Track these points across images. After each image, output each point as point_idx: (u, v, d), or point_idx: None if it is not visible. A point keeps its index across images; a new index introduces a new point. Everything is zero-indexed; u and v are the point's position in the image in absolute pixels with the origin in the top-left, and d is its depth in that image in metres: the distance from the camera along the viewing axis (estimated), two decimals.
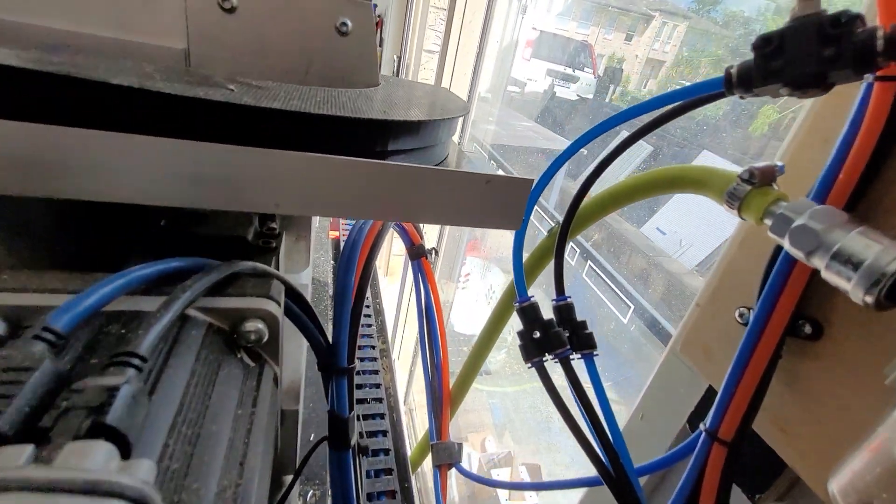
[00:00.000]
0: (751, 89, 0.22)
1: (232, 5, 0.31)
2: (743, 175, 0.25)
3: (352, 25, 0.33)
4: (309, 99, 0.24)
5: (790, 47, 0.20)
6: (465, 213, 0.25)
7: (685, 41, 6.93)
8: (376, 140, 0.24)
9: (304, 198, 0.22)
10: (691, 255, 2.95)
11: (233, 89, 0.22)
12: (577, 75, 5.11)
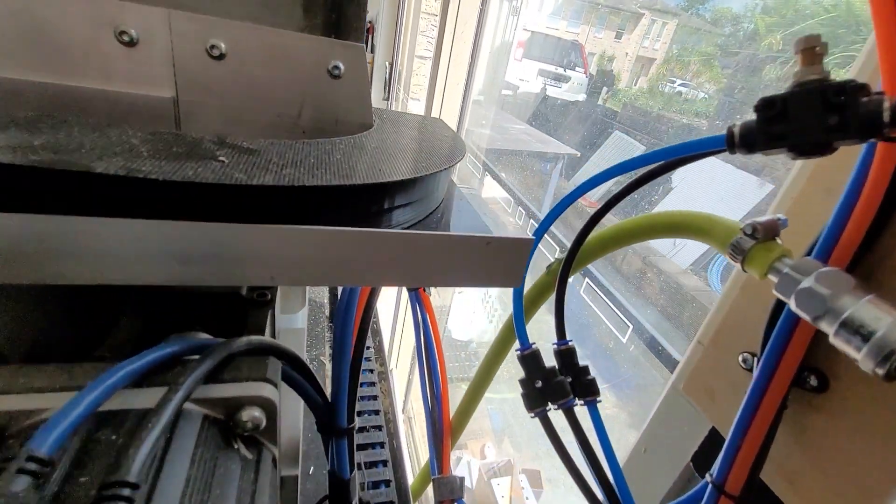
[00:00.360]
0: (754, 151, 0.22)
1: (221, 52, 0.30)
2: (746, 229, 0.25)
3: (344, 68, 0.33)
4: (302, 162, 0.23)
5: (794, 113, 0.20)
6: (464, 275, 0.24)
7: (675, 38, 6.97)
8: (371, 202, 0.24)
9: (300, 269, 0.21)
10: (685, 254, 2.97)
11: (223, 160, 0.21)
12: (569, 75, 5.12)
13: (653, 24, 7.70)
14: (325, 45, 0.32)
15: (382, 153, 0.28)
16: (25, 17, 0.27)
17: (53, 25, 0.27)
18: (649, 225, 0.31)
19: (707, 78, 5.56)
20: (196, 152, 0.21)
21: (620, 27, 7.69)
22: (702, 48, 5.67)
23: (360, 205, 0.23)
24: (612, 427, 2.03)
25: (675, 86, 6.13)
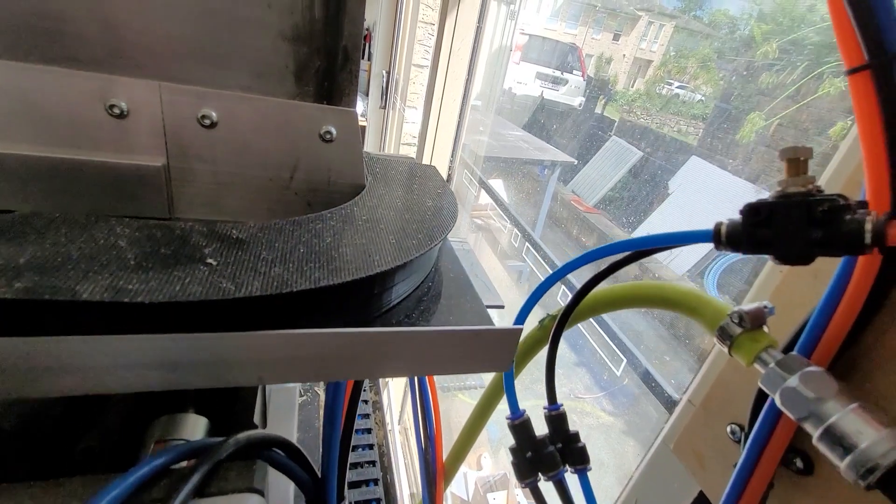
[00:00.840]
0: (739, 251, 0.22)
1: (212, 121, 0.30)
2: (733, 317, 0.25)
3: (336, 133, 0.33)
4: (291, 255, 0.23)
5: (778, 222, 0.20)
6: (455, 364, 0.24)
7: (672, 41, 6.94)
8: (362, 293, 0.24)
9: (288, 369, 0.21)
10: (681, 261, 2.98)
11: (212, 262, 0.21)
12: (566, 77, 5.13)
13: (650, 26, 7.67)
14: (317, 112, 0.32)
15: (374, 228, 0.28)
16: (16, 93, 0.27)
17: (43, 101, 0.27)
18: (641, 295, 0.31)
19: (704, 80, 5.54)
20: (184, 253, 0.21)
21: (618, 29, 7.67)
22: (699, 50, 5.65)
23: (350, 297, 0.23)
24: (609, 435, 2.03)
25: (673, 88, 6.11)
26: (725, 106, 2.97)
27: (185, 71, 0.29)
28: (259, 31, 0.29)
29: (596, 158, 3.72)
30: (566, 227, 3.34)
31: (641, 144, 3.58)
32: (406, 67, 2.10)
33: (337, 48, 0.31)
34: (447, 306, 0.29)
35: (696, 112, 5.02)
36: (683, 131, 5.29)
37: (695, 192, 3.04)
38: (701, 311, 0.28)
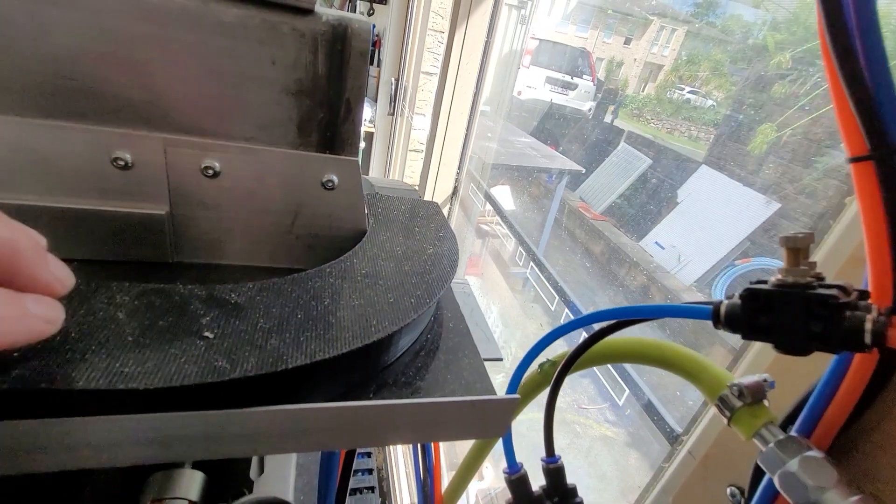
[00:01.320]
0: (737, 333, 0.21)
1: (215, 171, 0.30)
2: (733, 390, 0.25)
3: (338, 181, 0.33)
4: (288, 322, 0.23)
5: (778, 311, 0.20)
6: (452, 431, 0.24)
7: (684, 45, 6.90)
8: (359, 359, 0.24)
9: (283, 442, 0.22)
10: (690, 270, 2.95)
11: (209, 336, 0.21)
12: (576, 82, 5.11)
13: (661, 30, 7.63)
14: (320, 161, 0.32)
15: (373, 286, 0.28)
16: (27, 148, 0.27)
17: (52, 154, 0.28)
18: (640, 352, 0.31)
19: (716, 85, 5.49)
20: (181, 326, 0.21)
21: (629, 33, 7.64)
22: (711, 55, 5.58)
23: (346, 364, 0.23)
24: (612, 447, 2.02)
25: (684, 93, 6.06)
26: (737, 115, 2.94)
27: (189, 124, 0.29)
28: (263, 87, 0.29)
29: (604, 165, 3.70)
30: (572, 231, 3.32)
31: (650, 152, 3.55)
32: (415, 75, 2.11)
33: (340, 101, 0.31)
34: (445, 362, 0.29)
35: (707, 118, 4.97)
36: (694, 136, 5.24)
37: (703, 201, 3.01)
38: (701, 378, 0.27)
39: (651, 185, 3.41)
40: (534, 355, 0.32)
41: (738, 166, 3.00)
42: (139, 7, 0.26)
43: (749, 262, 2.75)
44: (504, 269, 2.59)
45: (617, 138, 4.02)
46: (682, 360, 0.29)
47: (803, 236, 0.19)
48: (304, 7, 0.28)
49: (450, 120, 1.66)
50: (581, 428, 2.02)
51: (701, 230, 2.99)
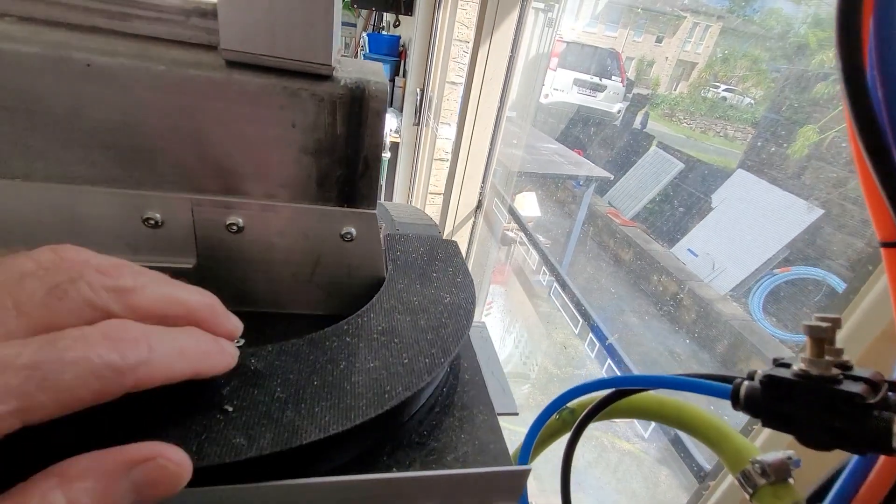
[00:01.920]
0: (757, 417, 0.21)
1: (239, 227, 0.32)
2: (755, 467, 0.24)
3: (356, 233, 0.34)
4: (304, 390, 0.24)
5: (800, 402, 0.19)
6: (462, 500, 0.25)
7: (718, 42, 6.63)
8: (375, 429, 0.24)
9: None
10: (725, 279, 2.84)
11: (228, 409, 0.22)
12: (605, 83, 5.01)
13: (695, 27, 7.36)
14: (339, 215, 0.33)
15: (388, 345, 0.29)
16: (66, 211, 0.29)
17: (88, 216, 0.30)
18: (660, 412, 0.30)
19: (754, 82, 5.25)
20: (204, 399, 0.22)
21: (661, 31, 7.41)
22: (748, 52, 5.35)
23: (361, 433, 0.24)
24: (642, 463, 1.97)
25: (720, 91, 5.84)
26: (776, 117, 2.82)
27: (214, 185, 0.30)
28: (284, 148, 0.30)
29: (635, 169, 3.61)
30: (602, 239, 3.26)
31: (682, 155, 3.44)
32: (440, 85, 2.12)
33: (358, 158, 0.31)
34: (459, 419, 0.29)
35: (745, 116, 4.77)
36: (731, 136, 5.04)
37: (739, 206, 2.90)
38: (722, 448, 0.26)
39: (683, 189, 3.30)
40: (547, 415, 0.32)
41: (776, 170, 2.87)
42: (168, 81, 0.27)
43: (789, 270, 2.62)
44: (530, 278, 2.57)
45: (647, 141, 3.92)
46: (704, 426, 0.28)
47: (826, 326, 0.18)
48: (322, 74, 0.28)
49: (475, 130, 1.66)
50: (608, 441, 1.98)
51: (737, 237, 2.87)
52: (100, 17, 0.27)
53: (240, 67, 0.28)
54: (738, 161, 3.23)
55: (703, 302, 2.75)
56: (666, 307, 2.80)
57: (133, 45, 0.27)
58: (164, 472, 0.16)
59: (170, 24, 0.28)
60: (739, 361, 2.42)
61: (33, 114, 0.26)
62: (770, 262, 2.78)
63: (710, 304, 2.79)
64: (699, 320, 2.68)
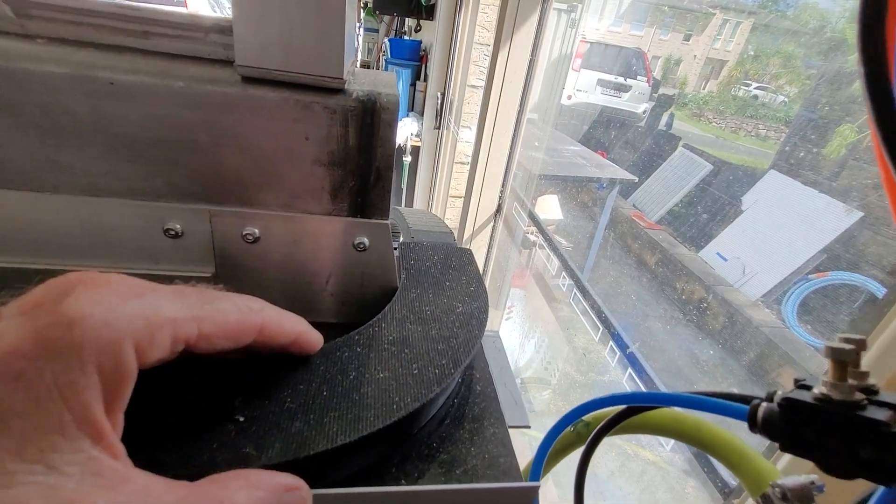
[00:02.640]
0: (775, 441, 0.20)
1: (254, 237, 0.32)
2: (776, 491, 0.23)
3: (369, 243, 0.34)
4: (314, 400, 0.24)
5: (821, 428, 0.18)
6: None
7: (750, 39, 6.42)
8: (383, 440, 0.24)
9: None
10: (756, 284, 2.74)
11: (240, 419, 0.22)
12: (630, 84, 4.91)
13: (724, 24, 7.15)
14: (351, 225, 0.33)
15: (398, 355, 0.29)
16: (92, 222, 0.30)
17: (112, 227, 0.31)
18: (677, 429, 0.29)
19: (788, 80, 5.06)
20: (218, 407, 0.23)
21: (689, 29, 7.23)
22: (782, 48, 5.16)
23: (369, 444, 0.24)
24: (668, 474, 1.91)
25: (751, 89, 5.64)
26: (811, 115, 2.70)
27: (230, 197, 0.31)
28: (298, 161, 0.30)
29: (661, 171, 3.53)
30: (626, 242, 3.19)
31: (711, 157, 3.34)
32: (461, 88, 2.12)
33: (370, 169, 0.32)
34: (469, 432, 0.29)
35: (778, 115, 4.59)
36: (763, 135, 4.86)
37: (771, 209, 2.79)
38: (742, 470, 0.25)
39: (712, 191, 3.21)
40: (559, 429, 0.31)
41: (812, 170, 2.75)
42: (186, 97, 0.28)
43: (825, 276, 2.51)
44: (550, 282, 2.54)
45: (673, 142, 3.83)
46: (723, 446, 0.27)
47: (850, 349, 0.17)
48: (334, 87, 0.29)
49: (494, 133, 1.65)
50: (632, 450, 1.94)
51: (769, 240, 2.77)
52: (124, 35, 0.29)
53: (255, 82, 0.28)
54: (771, 161, 3.12)
55: (733, 308, 2.66)
56: (692, 313, 2.72)
57: (154, 63, 0.28)
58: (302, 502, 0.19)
59: (189, 41, 0.29)
60: (771, 370, 2.33)
61: (61, 130, 0.28)
62: (805, 266, 2.67)
63: (739, 311, 2.69)
64: (728, 327, 2.60)
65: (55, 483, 0.13)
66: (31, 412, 0.14)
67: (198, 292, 0.21)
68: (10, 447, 0.13)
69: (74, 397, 0.14)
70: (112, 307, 0.16)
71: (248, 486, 0.17)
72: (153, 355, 0.17)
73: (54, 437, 0.14)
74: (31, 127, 0.27)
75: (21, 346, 0.14)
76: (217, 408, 0.23)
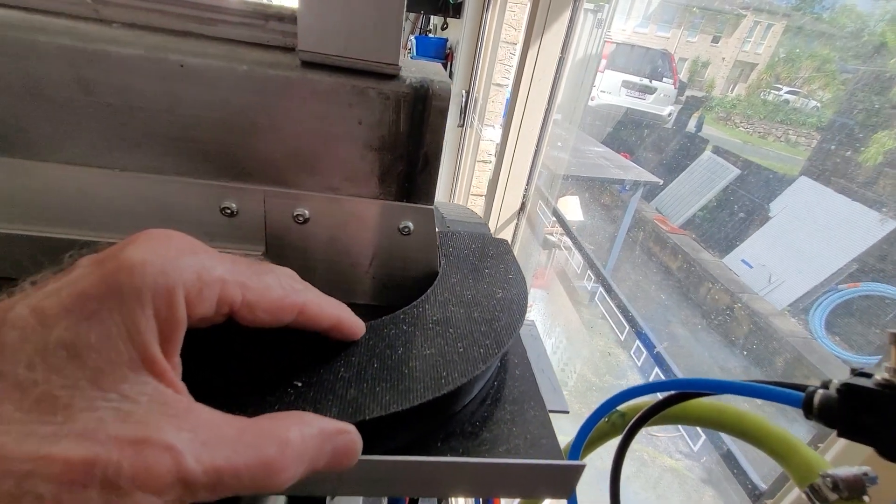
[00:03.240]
0: (832, 428, 0.20)
1: (305, 218, 0.34)
2: (826, 481, 0.23)
3: (413, 227, 0.35)
4: (365, 371, 0.25)
5: (881, 413, 0.18)
6: (514, 491, 0.25)
7: (781, 41, 6.25)
8: (427, 409, 0.25)
9: (358, 488, 0.23)
10: (783, 293, 2.66)
11: (298, 385, 0.24)
12: (655, 85, 4.83)
13: (756, 26, 6.98)
14: (397, 209, 0.34)
15: (443, 334, 0.29)
16: (155, 200, 0.32)
17: (174, 204, 0.32)
18: (719, 420, 0.29)
19: (821, 84, 4.89)
20: (278, 373, 0.24)
21: (718, 31, 7.08)
22: (815, 51, 5.00)
23: (416, 413, 0.25)
24: (685, 482, 1.88)
25: (781, 93, 5.49)
26: (846, 121, 2.62)
27: (284, 178, 0.32)
28: (350, 144, 0.31)
29: (685, 174, 3.46)
30: (648, 249, 3.14)
31: (739, 161, 3.27)
32: (486, 86, 2.13)
33: (418, 154, 0.32)
34: (510, 413, 0.29)
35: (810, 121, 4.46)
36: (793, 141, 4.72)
37: (800, 216, 2.71)
38: (789, 460, 0.25)
39: (738, 196, 3.13)
40: (602, 413, 0.32)
41: (845, 178, 2.67)
42: (250, 80, 0.29)
43: (857, 286, 2.42)
44: (571, 283, 2.52)
45: (699, 146, 3.75)
46: (768, 436, 0.27)
47: None
48: (389, 73, 0.30)
49: (521, 132, 1.65)
50: (649, 456, 1.91)
51: (797, 248, 2.69)
52: (192, 22, 0.30)
53: (313, 67, 0.30)
54: (801, 168, 3.04)
55: (758, 316, 2.60)
56: (716, 320, 2.66)
57: (220, 48, 0.29)
58: (354, 446, 0.20)
59: (251, 28, 0.31)
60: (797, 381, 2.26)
61: (133, 109, 0.29)
62: (835, 276, 2.59)
63: (765, 319, 2.63)
64: (752, 335, 2.54)
65: (129, 409, 0.15)
66: (103, 347, 0.15)
67: (248, 263, 0.22)
68: (89, 377, 0.15)
69: (137, 336, 0.16)
70: (169, 258, 0.17)
71: (302, 423, 0.18)
72: (200, 310, 0.18)
73: (124, 371, 0.15)
74: (105, 106, 0.29)
75: (92, 289, 0.16)
76: (277, 374, 0.24)
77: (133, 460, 0.14)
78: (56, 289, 0.16)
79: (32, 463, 0.13)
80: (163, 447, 0.14)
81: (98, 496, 0.13)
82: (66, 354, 0.14)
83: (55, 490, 0.13)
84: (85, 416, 0.14)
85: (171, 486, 0.14)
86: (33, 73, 0.28)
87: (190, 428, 0.15)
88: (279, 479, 0.16)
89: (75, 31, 0.28)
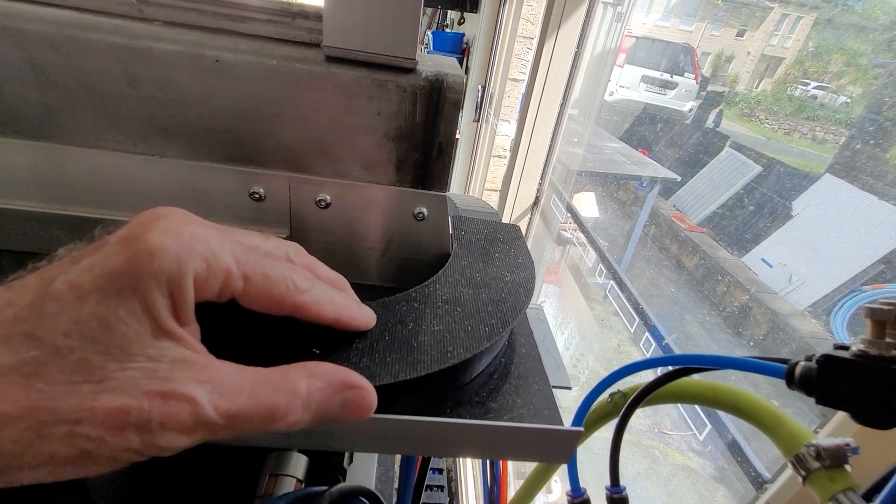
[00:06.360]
0: (811, 396, 0.21)
1: (326, 203, 0.36)
2: (810, 451, 0.24)
3: (427, 213, 0.37)
4: (378, 343, 0.27)
5: (857, 381, 0.19)
6: (517, 453, 0.27)
7: (810, 35, 6.07)
8: (436, 380, 0.27)
9: (374, 444, 0.26)
10: (804, 293, 2.61)
11: (316, 352, 0.26)
12: (676, 80, 4.74)
13: (783, 18, 6.78)
14: (413, 196, 0.36)
15: (451, 312, 0.32)
16: (189, 184, 0.35)
17: (206, 189, 0.35)
18: (713, 397, 0.30)
19: (851, 79, 4.74)
20: (297, 340, 0.26)
21: (743, 24, 6.90)
22: (846, 45, 4.85)
23: (425, 383, 0.27)
24: (696, 479, 1.87)
25: (809, 88, 5.34)
26: (875, 118, 2.54)
27: (308, 165, 0.35)
28: (369, 134, 0.34)
29: (705, 171, 3.40)
30: (664, 246, 3.11)
31: (761, 158, 3.20)
32: (502, 81, 2.13)
33: (433, 144, 0.35)
34: (516, 387, 0.31)
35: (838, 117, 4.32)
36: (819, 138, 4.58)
37: (824, 215, 2.65)
38: (777, 433, 0.27)
39: (760, 194, 3.07)
40: (604, 387, 0.33)
41: (873, 176, 2.59)
42: (279, 74, 0.31)
43: (883, 287, 2.36)
44: (584, 279, 2.52)
45: (721, 141, 3.68)
46: (758, 411, 0.28)
47: (889, 309, 0.19)
48: (407, 67, 0.32)
49: (535, 128, 1.65)
50: (660, 454, 1.90)
51: (820, 248, 2.63)
52: (225, 20, 0.32)
53: (337, 62, 0.32)
54: (827, 165, 2.96)
55: (777, 317, 2.55)
56: (732, 319, 2.62)
57: (252, 44, 0.32)
58: (364, 401, 0.21)
59: (279, 25, 0.33)
60: None
61: (172, 101, 0.32)
62: (859, 277, 2.52)
63: (784, 320, 2.59)
64: (770, 335, 2.50)
65: (154, 368, 0.18)
66: (130, 319, 0.18)
67: (262, 254, 0.23)
68: (118, 344, 0.17)
69: (155, 312, 0.19)
70: (183, 246, 0.19)
71: (310, 375, 0.20)
72: (204, 294, 0.20)
73: (148, 338, 0.18)
74: (148, 99, 0.32)
75: (119, 269, 0.18)
76: (296, 341, 0.27)
77: (161, 409, 0.17)
78: (89, 265, 0.18)
79: (79, 413, 0.16)
80: (184, 398, 0.17)
81: (135, 436, 0.16)
82: (97, 325, 0.17)
83: (101, 432, 0.16)
84: (118, 375, 0.17)
85: (194, 428, 0.17)
86: (86, 69, 0.30)
87: (208, 380, 0.18)
88: (286, 423, 0.19)
89: (122, 29, 0.30)
